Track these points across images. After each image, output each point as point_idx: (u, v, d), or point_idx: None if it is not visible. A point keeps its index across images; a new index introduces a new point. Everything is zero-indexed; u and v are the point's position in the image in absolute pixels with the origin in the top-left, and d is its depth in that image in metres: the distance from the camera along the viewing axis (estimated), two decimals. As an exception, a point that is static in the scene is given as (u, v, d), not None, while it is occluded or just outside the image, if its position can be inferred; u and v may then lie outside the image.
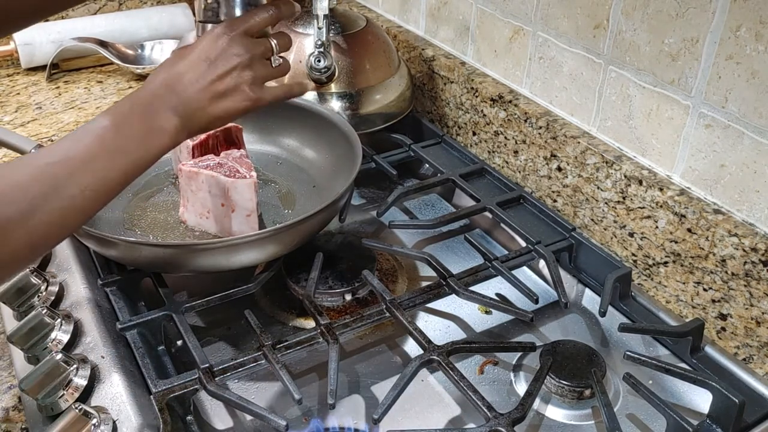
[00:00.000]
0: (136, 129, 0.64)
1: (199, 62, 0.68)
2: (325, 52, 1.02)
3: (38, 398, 0.67)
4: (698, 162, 0.81)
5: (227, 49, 0.69)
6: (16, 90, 1.29)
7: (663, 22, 0.81)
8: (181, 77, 0.68)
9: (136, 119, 0.64)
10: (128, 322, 0.76)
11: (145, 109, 0.65)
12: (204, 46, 0.69)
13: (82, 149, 0.61)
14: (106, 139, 0.62)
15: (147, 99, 0.66)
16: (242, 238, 0.77)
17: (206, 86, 0.68)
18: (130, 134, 0.64)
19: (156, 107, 0.66)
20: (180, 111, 0.67)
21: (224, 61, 0.69)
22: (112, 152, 0.62)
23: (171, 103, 0.67)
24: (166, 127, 0.66)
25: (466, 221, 1.03)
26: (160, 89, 0.67)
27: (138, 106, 0.65)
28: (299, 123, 1.03)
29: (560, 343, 0.79)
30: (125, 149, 0.63)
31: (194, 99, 0.68)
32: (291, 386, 0.69)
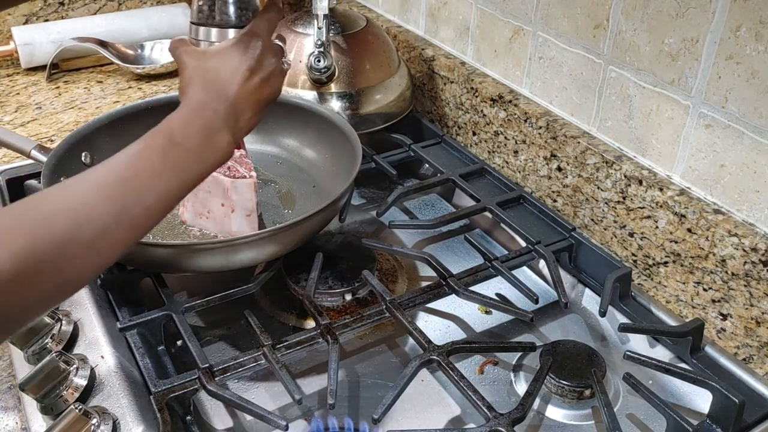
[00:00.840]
0: (196, 145, 0.63)
1: (242, 72, 0.67)
2: (325, 52, 1.02)
3: (38, 398, 0.67)
4: (698, 162, 0.81)
5: (264, 56, 0.69)
6: (16, 90, 1.29)
7: (663, 22, 0.81)
8: (227, 88, 0.66)
9: (196, 134, 0.63)
10: (128, 322, 0.76)
11: (204, 126, 0.64)
12: (241, 54, 0.68)
13: (148, 167, 0.59)
14: (170, 155, 0.61)
15: (203, 115, 0.65)
16: (242, 238, 0.77)
17: (250, 95, 0.68)
18: (191, 149, 0.62)
19: (214, 125, 0.65)
20: (231, 124, 0.66)
21: (263, 69, 0.69)
22: (174, 168, 0.61)
23: (225, 117, 0.65)
24: (221, 145, 0.65)
25: (466, 221, 1.03)
26: (213, 101, 0.65)
27: (196, 123, 0.64)
28: (299, 123, 1.03)
29: (560, 343, 0.79)
30: (185, 165, 0.62)
31: (243, 109, 0.67)
32: (291, 386, 0.69)
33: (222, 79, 0.66)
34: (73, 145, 0.91)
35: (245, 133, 0.69)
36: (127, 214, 0.57)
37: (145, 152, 0.60)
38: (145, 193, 0.58)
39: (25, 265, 0.50)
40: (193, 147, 0.63)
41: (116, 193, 0.57)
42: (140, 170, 0.59)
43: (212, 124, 0.64)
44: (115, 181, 0.57)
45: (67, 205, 0.54)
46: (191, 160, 0.62)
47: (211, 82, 0.66)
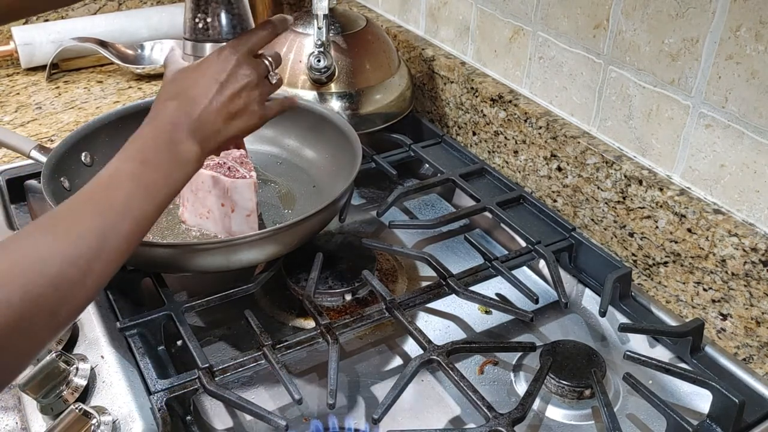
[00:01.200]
0: (164, 162, 0.63)
1: (211, 85, 0.68)
2: (325, 52, 1.02)
3: (38, 398, 0.67)
4: (698, 162, 0.81)
5: (236, 70, 0.69)
6: (16, 90, 1.29)
7: (663, 22, 0.81)
8: (195, 101, 0.67)
9: (162, 153, 0.63)
10: (128, 322, 0.76)
11: (169, 140, 0.64)
12: (213, 68, 0.69)
13: (122, 197, 0.59)
14: (142, 178, 0.61)
15: (168, 129, 0.65)
16: (242, 238, 0.77)
17: (220, 108, 0.68)
18: (159, 169, 0.62)
19: (178, 137, 0.65)
20: (198, 137, 0.66)
21: (234, 82, 0.69)
22: (148, 190, 0.61)
23: (190, 129, 0.66)
24: (188, 157, 0.65)
25: (466, 221, 1.03)
26: (178, 116, 0.66)
27: (161, 138, 0.64)
28: (299, 123, 1.03)
29: (560, 343, 0.79)
30: (157, 185, 0.62)
31: (210, 122, 0.67)
32: (291, 386, 0.69)
33: (191, 90, 0.67)
34: (73, 145, 0.91)
35: (219, 144, 0.69)
36: (107, 247, 0.56)
37: (116, 179, 0.60)
38: (122, 222, 0.58)
39: (22, 315, 0.49)
40: (162, 163, 0.63)
41: (95, 228, 0.56)
42: (114, 199, 0.59)
43: (175, 136, 0.65)
44: (92, 215, 0.57)
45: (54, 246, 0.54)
46: (161, 177, 0.62)
47: (181, 93, 0.67)
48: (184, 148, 0.65)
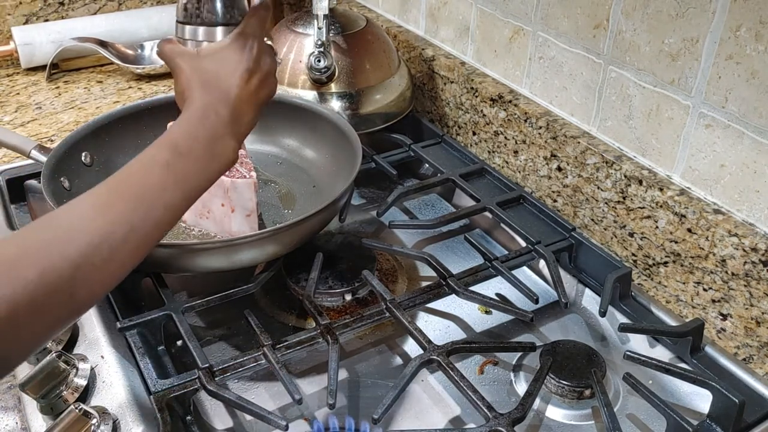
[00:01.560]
0: (201, 154, 0.62)
1: (241, 73, 0.66)
2: (325, 52, 1.02)
3: (38, 398, 0.67)
4: (698, 162, 0.81)
5: (260, 57, 0.68)
6: (16, 90, 1.29)
7: (663, 22, 0.81)
8: (229, 92, 0.65)
9: (200, 142, 0.62)
10: (128, 322, 0.76)
11: (208, 131, 0.63)
12: (239, 55, 0.67)
13: (154, 184, 0.59)
14: (175, 168, 0.60)
15: (207, 119, 0.64)
16: (242, 238, 0.77)
17: (250, 97, 0.67)
18: (195, 159, 0.62)
19: (217, 128, 0.64)
20: (234, 129, 0.65)
21: (260, 70, 0.68)
22: (180, 182, 0.60)
23: (228, 121, 0.65)
24: (226, 152, 0.64)
25: (466, 221, 1.03)
26: (216, 105, 0.64)
27: (201, 127, 0.63)
28: (299, 123, 1.03)
29: (560, 343, 0.79)
30: (192, 177, 0.61)
31: (244, 112, 0.66)
32: (291, 386, 0.69)
33: (222, 82, 0.65)
34: (73, 145, 0.91)
35: (245, 136, 0.69)
36: (135, 234, 0.56)
37: (149, 168, 0.60)
38: (151, 210, 0.58)
39: (39, 294, 0.49)
40: (199, 157, 0.62)
41: (124, 214, 0.56)
42: (146, 188, 0.58)
43: (216, 130, 0.64)
44: (121, 201, 0.57)
45: (76, 230, 0.54)
46: (196, 170, 0.62)
47: (211, 85, 0.65)
48: (223, 143, 0.64)
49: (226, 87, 0.65)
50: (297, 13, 1.14)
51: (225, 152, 0.64)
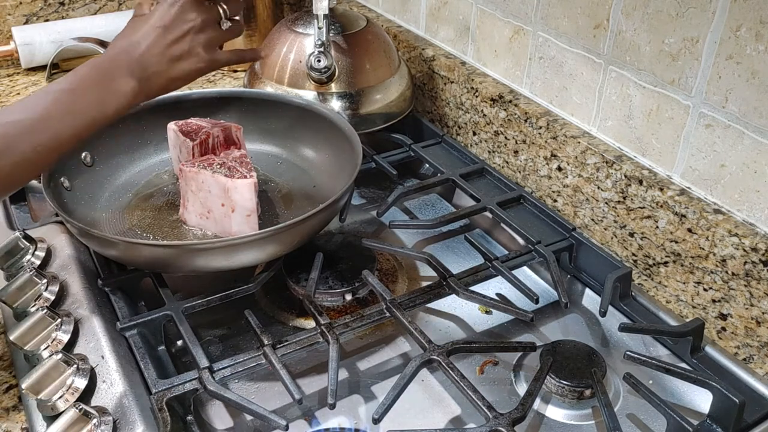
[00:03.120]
0: (93, 91, 0.71)
1: (155, 28, 0.76)
2: (325, 52, 1.02)
3: (38, 398, 0.67)
4: (698, 162, 0.81)
5: (180, 15, 0.77)
6: (16, 90, 1.29)
7: (663, 22, 0.80)
8: (138, 43, 0.75)
9: (93, 83, 0.71)
10: (128, 322, 0.76)
11: (104, 74, 0.72)
12: (159, 13, 0.77)
13: (38, 110, 0.67)
14: (62, 100, 0.69)
15: (105, 63, 0.73)
16: (242, 238, 0.77)
17: (162, 50, 0.76)
18: (86, 96, 0.71)
19: (114, 72, 0.73)
20: (137, 74, 0.74)
21: (178, 27, 0.77)
22: (67, 113, 0.69)
23: (129, 67, 0.74)
24: (123, 90, 0.73)
25: (466, 221, 1.03)
26: (119, 55, 0.74)
27: (96, 70, 0.72)
28: (299, 123, 1.03)
29: (560, 343, 0.79)
30: (80, 110, 0.70)
31: (152, 63, 0.75)
32: (291, 386, 0.69)
33: (136, 34, 0.76)
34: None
35: (164, 85, 0.78)
36: (11, 151, 0.65)
37: (40, 96, 0.69)
38: (31, 133, 0.66)
39: None
40: (89, 94, 0.71)
41: (2, 131, 0.65)
42: (30, 113, 0.67)
43: (111, 73, 0.73)
44: (6, 121, 0.66)
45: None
46: (87, 105, 0.71)
47: (126, 35, 0.76)
48: (119, 83, 0.73)
49: (137, 38, 0.76)
50: (297, 13, 1.14)
51: (122, 90, 0.73)
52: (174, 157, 0.97)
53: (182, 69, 0.78)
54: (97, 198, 0.92)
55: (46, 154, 0.68)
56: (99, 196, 0.93)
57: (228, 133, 0.95)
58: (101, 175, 0.95)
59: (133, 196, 0.95)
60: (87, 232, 0.78)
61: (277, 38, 1.09)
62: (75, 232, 0.81)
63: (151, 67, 0.75)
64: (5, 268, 0.85)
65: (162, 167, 1.00)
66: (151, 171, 1.00)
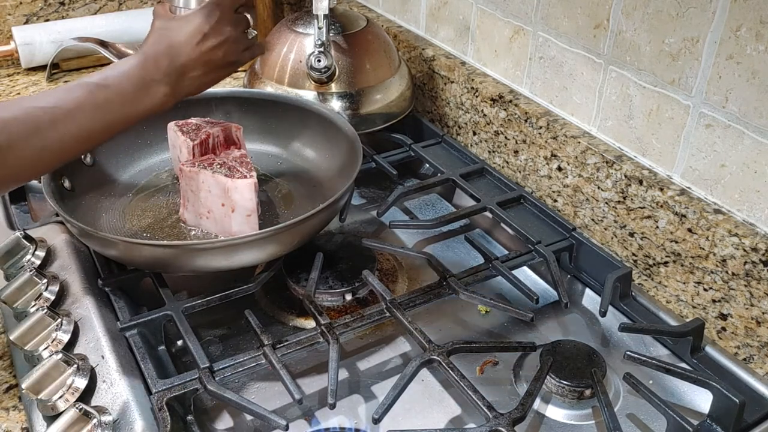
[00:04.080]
0: (129, 90, 0.72)
1: (196, 34, 0.76)
2: (325, 52, 1.02)
3: (38, 398, 0.67)
4: (698, 162, 0.81)
5: (219, 25, 0.78)
6: (16, 90, 1.29)
7: (663, 22, 0.80)
8: (180, 47, 0.76)
9: (130, 81, 0.72)
10: (128, 322, 0.76)
11: (144, 74, 0.73)
12: (199, 20, 0.77)
13: (71, 100, 0.68)
14: (97, 94, 0.70)
15: (148, 64, 0.74)
16: (242, 238, 0.77)
17: (200, 56, 0.77)
18: (120, 93, 0.71)
19: (154, 73, 0.74)
20: (173, 78, 0.75)
21: (217, 36, 0.78)
22: (99, 107, 0.69)
23: (168, 71, 0.75)
24: (158, 93, 0.74)
25: (466, 221, 1.03)
26: (161, 57, 0.75)
27: (139, 68, 0.73)
28: (299, 123, 1.03)
29: (560, 343, 0.79)
30: (112, 107, 0.70)
31: (189, 68, 0.76)
32: (291, 386, 0.69)
33: (174, 38, 0.76)
34: (74, 145, 0.91)
35: (193, 91, 0.79)
36: (38, 137, 0.65)
37: (75, 86, 0.69)
38: (60, 121, 0.67)
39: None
40: (124, 91, 0.72)
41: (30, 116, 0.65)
42: (63, 102, 0.68)
43: (150, 75, 0.74)
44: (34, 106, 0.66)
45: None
46: (120, 103, 0.71)
47: (164, 39, 0.76)
48: (155, 87, 0.74)
49: (176, 42, 0.76)
50: (297, 13, 1.14)
51: (155, 95, 0.74)
52: (174, 157, 0.97)
53: (213, 76, 0.80)
54: (97, 198, 0.92)
55: (72, 146, 0.69)
56: (99, 196, 0.93)
57: (228, 133, 0.95)
58: (101, 175, 0.95)
59: (133, 196, 0.95)
60: (87, 232, 0.78)
61: (277, 38, 1.09)
62: (75, 232, 0.81)
63: (187, 72, 0.77)
64: (5, 268, 0.85)
65: (162, 167, 1.00)
66: (151, 171, 1.00)
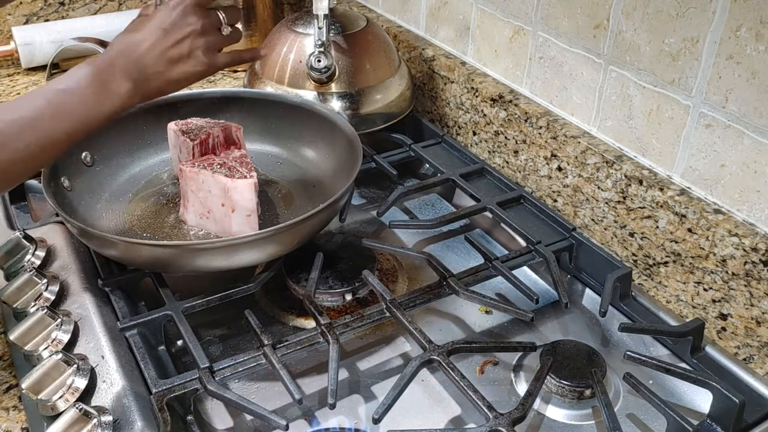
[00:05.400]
0: (88, 92, 0.71)
1: (155, 30, 0.76)
2: (325, 52, 1.02)
3: (38, 398, 0.67)
4: (698, 162, 0.81)
5: (181, 19, 0.77)
6: (16, 90, 1.29)
7: (663, 22, 0.80)
8: (137, 45, 0.75)
9: (88, 83, 0.71)
10: (128, 322, 0.76)
11: (100, 74, 0.72)
12: (160, 15, 0.77)
13: (30, 109, 0.68)
14: (55, 100, 0.69)
15: (103, 65, 0.73)
16: (242, 238, 0.77)
17: (161, 52, 0.76)
18: (80, 97, 0.71)
19: (110, 72, 0.73)
20: (134, 76, 0.74)
21: (178, 29, 0.77)
22: (59, 113, 0.69)
23: (126, 68, 0.74)
24: (119, 91, 0.73)
25: (466, 221, 1.03)
26: (117, 56, 0.74)
27: (93, 70, 0.72)
28: (299, 123, 1.03)
29: (560, 343, 0.79)
30: (73, 111, 0.70)
31: (150, 64, 0.75)
32: (291, 386, 0.69)
33: (135, 35, 0.76)
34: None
35: (161, 87, 0.78)
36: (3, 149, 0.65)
37: (34, 95, 0.69)
38: (24, 131, 0.66)
39: None
40: (85, 94, 0.71)
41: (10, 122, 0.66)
42: (24, 111, 0.68)
43: (106, 74, 0.73)
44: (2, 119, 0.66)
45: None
46: (82, 104, 0.70)
47: (125, 37, 0.76)
48: (115, 84, 0.73)
49: (136, 39, 0.75)
50: (297, 13, 1.14)
51: (117, 92, 0.73)
52: (174, 157, 0.97)
53: (181, 71, 0.78)
54: (97, 198, 0.92)
55: (38, 154, 0.68)
56: (99, 196, 0.93)
57: (228, 133, 0.95)
58: (101, 175, 0.95)
59: (133, 196, 0.95)
60: (87, 232, 0.78)
61: (277, 38, 1.09)
62: (75, 232, 0.81)
63: (148, 68, 0.75)
64: (5, 268, 0.85)
65: (162, 167, 1.00)
66: (151, 171, 1.00)
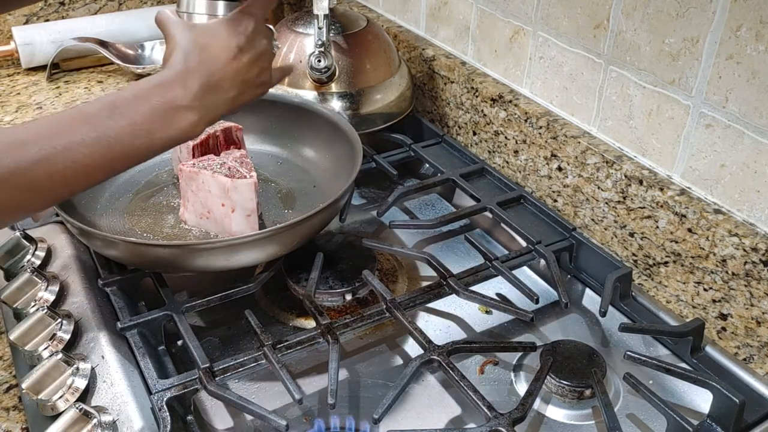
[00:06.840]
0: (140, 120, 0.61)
1: (231, 48, 0.65)
2: (325, 52, 1.02)
3: (38, 398, 0.67)
4: (698, 162, 0.81)
5: (254, 37, 0.67)
6: (16, 90, 1.29)
7: (663, 22, 0.80)
8: (212, 65, 0.64)
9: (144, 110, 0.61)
10: (128, 322, 0.76)
11: (164, 101, 0.62)
12: (232, 31, 0.66)
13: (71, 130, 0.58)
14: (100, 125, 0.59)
15: (171, 85, 0.63)
16: (242, 238, 0.77)
17: (235, 74, 0.66)
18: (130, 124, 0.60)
19: (179, 97, 0.62)
20: (203, 103, 0.63)
21: (252, 49, 0.67)
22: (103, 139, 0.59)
23: (197, 94, 0.63)
24: (182, 120, 0.62)
25: (466, 221, 1.03)
26: (190, 76, 0.63)
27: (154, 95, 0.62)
28: (299, 123, 1.03)
29: (560, 343, 0.79)
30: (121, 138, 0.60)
31: (228, 88, 0.65)
32: (291, 386, 0.69)
33: (206, 54, 0.64)
34: (74, 145, 0.91)
35: (224, 113, 0.67)
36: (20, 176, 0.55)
37: (76, 114, 0.58)
38: (66, 152, 0.56)
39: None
40: (136, 122, 0.60)
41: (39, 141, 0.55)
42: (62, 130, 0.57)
43: (176, 100, 0.62)
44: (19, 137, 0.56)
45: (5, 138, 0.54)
46: (130, 133, 0.59)
47: (194, 55, 0.64)
48: (180, 115, 0.62)
49: (208, 60, 0.64)
50: (297, 13, 1.14)
51: (180, 124, 0.62)
52: (174, 157, 0.97)
53: (250, 96, 0.68)
54: (97, 198, 0.92)
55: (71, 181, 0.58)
56: (99, 196, 0.93)
57: (228, 133, 0.95)
58: (101, 175, 0.95)
59: (133, 196, 0.95)
60: (87, 232, 0.78)
61: (277, 38, 1.09)
62: (75, 232, 0.81)
63: (223, 92, 0.64)
64: (5, 268, 0.85)
65: (162, 167, 1.00)
66: (151, 171, 1.00)
